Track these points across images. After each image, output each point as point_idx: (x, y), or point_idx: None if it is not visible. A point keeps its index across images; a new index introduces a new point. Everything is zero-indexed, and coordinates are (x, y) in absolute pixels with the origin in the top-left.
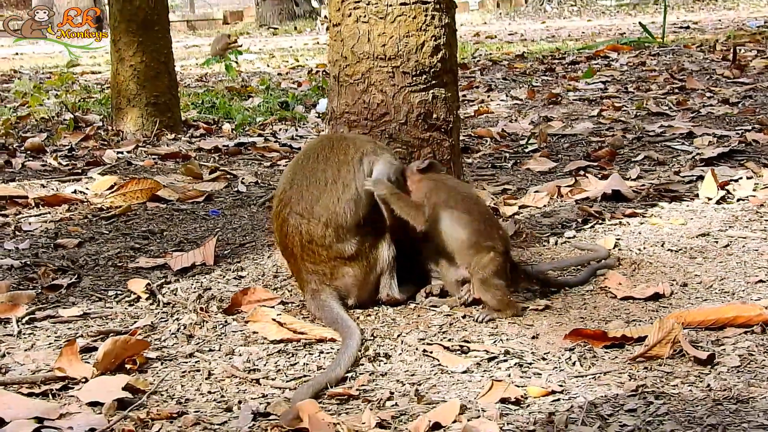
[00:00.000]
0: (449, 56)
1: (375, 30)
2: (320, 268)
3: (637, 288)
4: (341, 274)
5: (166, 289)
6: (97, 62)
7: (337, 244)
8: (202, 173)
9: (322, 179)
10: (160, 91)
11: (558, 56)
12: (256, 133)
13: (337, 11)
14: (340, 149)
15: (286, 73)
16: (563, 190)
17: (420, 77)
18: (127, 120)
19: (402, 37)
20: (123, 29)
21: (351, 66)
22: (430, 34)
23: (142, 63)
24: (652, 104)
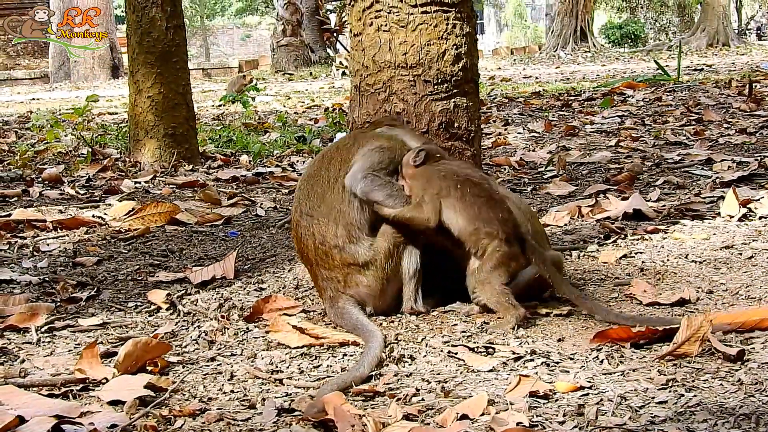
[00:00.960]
0: (470, 65)
1: (396, 38)
2: (334, 275)
3: (663, 295)
4: (354, 283)
5: (186, 300)
6: (113, 104)
7: (350, 246)
8: (220, 199)
9: (325, 177)
10: (177, 122)
11: (573, 94)
12: (274, 164)
13: (358, 21)
14: (344, 147)
15: (303, 112)
16: (584, 210)
17: (441, 86)
18: (145, 151)
19: (423, 45)
20: (141, 61)
21: (372, 75)
22: (452, 43)
23: (160, 94)
24: (669, 134)
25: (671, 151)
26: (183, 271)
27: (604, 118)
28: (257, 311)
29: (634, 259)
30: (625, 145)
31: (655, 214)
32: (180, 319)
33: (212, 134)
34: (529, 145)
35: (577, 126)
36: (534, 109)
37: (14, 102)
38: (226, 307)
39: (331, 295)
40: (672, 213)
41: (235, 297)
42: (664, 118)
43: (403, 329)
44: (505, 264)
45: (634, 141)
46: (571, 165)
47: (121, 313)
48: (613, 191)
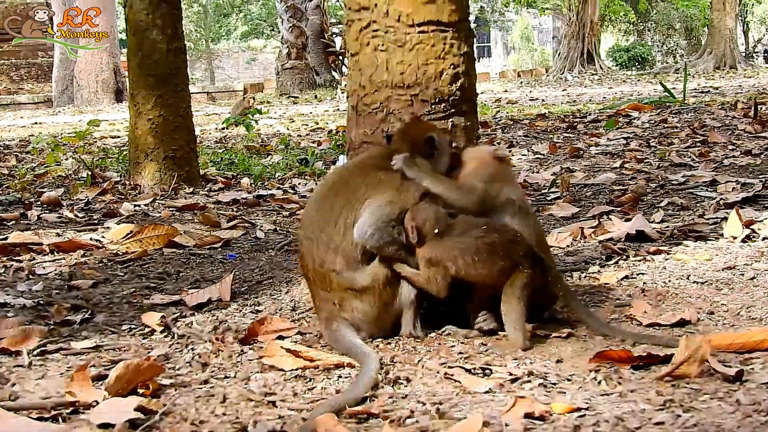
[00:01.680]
0: (468, 85)
1: (393, 58)
2: (330, 297)
3: (664, 316)
4: (350, 308)
5: (181, 323)
6: (116, 128)
7: (348, 272)
8: (219, 221)
9: (329, 209)
10: (178, 144)
11: (579, 116)
12: (275, 187)
13: (355, 41)
14: (353, 183)
15: (306, 134)
16: (587, 232)
17: (439, 105)
18: (145, 174)
19: (421, 65)
20: (142, 83)
21: (369, 95)
22: (449, 62)
23: (161, 117)
24: (674, 156)
25: (676, 173)
26: (179, 293)
27: (609, 140)
28: (252, 333)
29: (636, 280)
30: (630, 167)
31: (658, 236)
32: (174, 341)
33: (214, 157)
34: (534, 167)
35: (582, 148)
36: (539, 131)
37: (16, 126)
38: (221, 329)
39: (326, 317)
40: (675, 234)
41: (230, 319)
42: (670, 139)
43: (399, 351)
44: (530, 285)
45: (638, 162)
46: (575, 186)
47: (114, 335)
48: (617, 212)
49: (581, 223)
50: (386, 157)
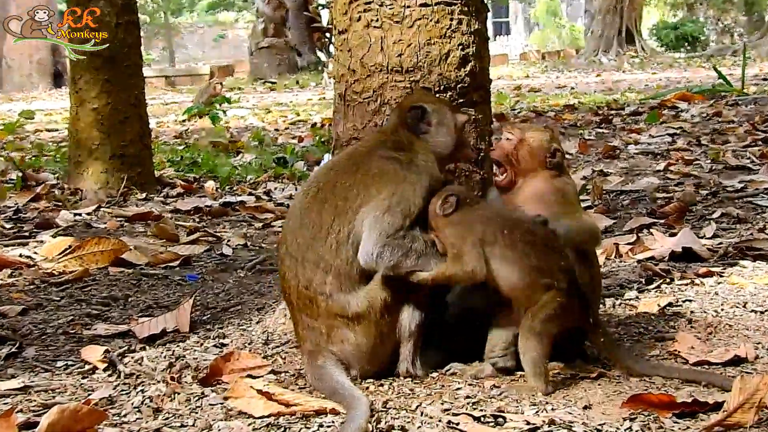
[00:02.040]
0: (479, 69)
1: (389, 37)
2: (317, 325)
3: (714, 352)
4: (339, 338)
5: (129, 359)
6: (53, 119)
7: (340, 294)
8: (178, 234)
9: (317, 222)
10: (128, 140)
11: (615, 107)
12: (246, 192)
13: (343, 15)
14: (342, 188)
15: (285, 128)
16: (623, 249)
17: (444, 94)
18: (88, 176)
19: (422, 45)
20: (84, 65)
21: (360, 81)
22: (457, 42)
23: (108, 106)
24: (730, 157)
25: (732, 177)
26: (127, 322)
27: (651, 136)
28: (216, 372)
29: (681, 308)
30: (676, 170)
31: (710, 254)
32: (120, 381)
33: (172, 155)
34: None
35: (619, 146)
36: (567, 126)
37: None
38: (178, 366)
39: (310, 349)
40: (730, 252)
41: (189, 354)
42: (725, 137)
43: (394, 394)
44: (560, 318)
45: (686, 165)
46: (609, 194)
47: (47, 374)
48: (660, 226)
49: (616, 238)
50: (377, 145)
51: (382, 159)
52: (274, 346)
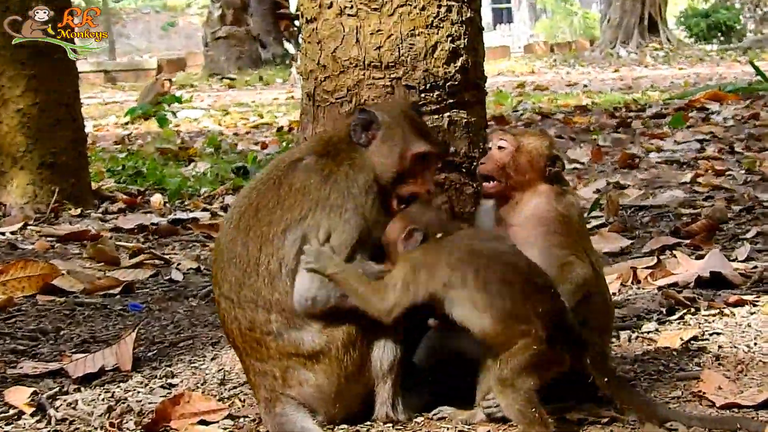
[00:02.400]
0: (472, 64)
1: (366, 27)
2: (269, 368)
3: (746, 393)
4: (297, 381)
5: (61, 402)
6: None
7: (289, 332)
8: (119, 257)
9: (243, 256)
10: (60, 146)
11: (635, 108)
12: (200, 207)
13: (312, 1)
14: (266, 213)
15: (246, 132)
16: (641, 273)
17: (431, 93)
18: (12, 188)
19: (405, 36)
20: (7, 58)
21: (332, 78)
22: (445, 33)
23: (35, 106)
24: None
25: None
26: (59, 360)
27: (676, 143)
28: (163, 417)
29: (708, 342)
30: (705, 182)
31: (742, 280)
32: (51, 428)
33: (112, 164)
34: (569, 180)
35: (638, 154)
36: (578, 130)
37: None
38: (118, 411)
39: (266, 396)
40: (765, 278)
41: (131, 397)
42: (762, 143)
43: None
44: (539, 367)
45: (717, 176)
46: (627, 209)
47: None
48: (684, 247)
49: (634, 261)
50: (307, 152)
51: (307, 171)
52: (231, 387)
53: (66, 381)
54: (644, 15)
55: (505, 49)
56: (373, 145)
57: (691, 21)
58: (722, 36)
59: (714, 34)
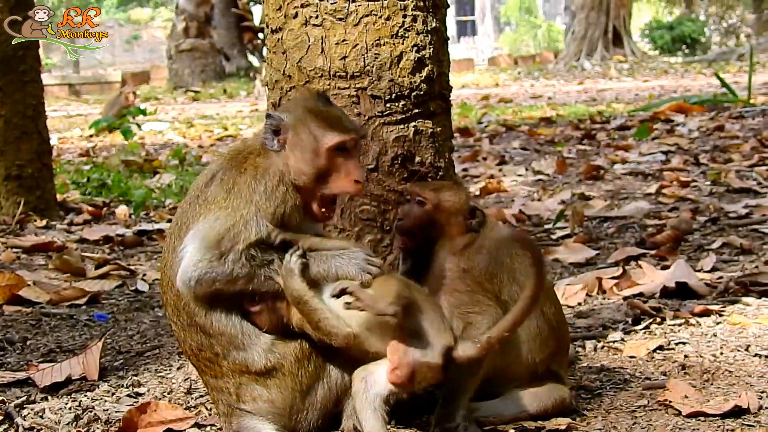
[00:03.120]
0: (438, 75)
1: (331, 36)
2: (223, 385)
3: (712, 402)
4: (250, 397)
5: (28, 410)
6: None
7: (235, 352)
8: (84, 268)
9: (172, 280)
10: (25, 158)
11: (600, 120)
12: (165, 219)
13: (277, 11)
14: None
15: (210, 145)
16: (606, 284)
17: (396, 103)
18: None
19: (370, 46)
20: None
21: (298, 88)
22: (411, 43)
23: (1, 118)
24: (733, 178)
25: (735, 202)
26: (25, 369)
27: (641, 154)
28: (129, 426)
29: (674, 352)
30: (670, 193)
31: (708, 290)
32: None
33: (78, 176)
34: (534, 192)
35: (603, 166)
36: (542, 142)
37: None
38: (85, 419)
39: (224, 411)
40: (731, 288)
41: (98, 406)
42: (727, 154)
43: None
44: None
45: (682, 187)
46: (592, 220)
47: None
48: (650, 257)
49: (599, 271)
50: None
51: (217, 185)
52: (197, 396)
53: (33, 390)
54: (608, 28)
55: (470, 62)
56: (287, 149)
57: (655, 33)
58: (687, 48)
59: (679, 47)
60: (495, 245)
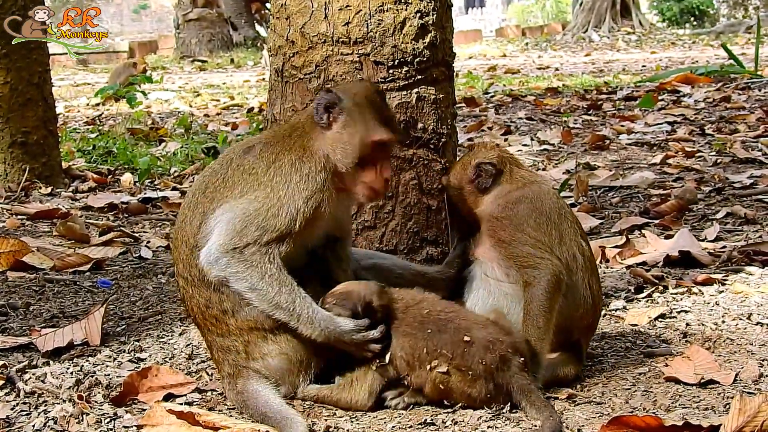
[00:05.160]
0: (441, 41)
1: (335, 2)
2: (230, 344)
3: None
4: (260, 354)
5: (30, 375)
6: None
7: (245, 308)
8: (89, 235)
9: (190, 234)
10: (31, 125)
11: (607, 91)
12: (170, 187)
13: None
14: (211, 191)
15: (217, 114)
16: (609, 253)
17: (399, 69)
18: None
19: (373, 12)
20: None
21: (301, 54)
22: (414, 9)
23: (6, 85)
24: (738, 148)
25: (740, 172)
26: (28, 334)
27: (647, 125)
28: (130, 390)
29: (676, 320)
30: (675, 163)
31: (711, 259)
32: (20, 400)
33: (83, 144)
34: (539, 162)
35: (609, 136)
36: (548, 112)
37: None
38: (87, 384)
39: (230, 372)
40: (734, 257)
41: (100, 371)
42: (733, 125)
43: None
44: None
45: (687, 157)
46: (596, 190)
47: None
48: (654, 227)
49: (603, 240)
50: (269, 136)
51: (258, 155)
52: (199, 362)
53: (35, 355)
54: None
55: (477, 33)
56: (334, 128)
57: (663, 5)
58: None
59: (687, 19)
60: (538, 197)
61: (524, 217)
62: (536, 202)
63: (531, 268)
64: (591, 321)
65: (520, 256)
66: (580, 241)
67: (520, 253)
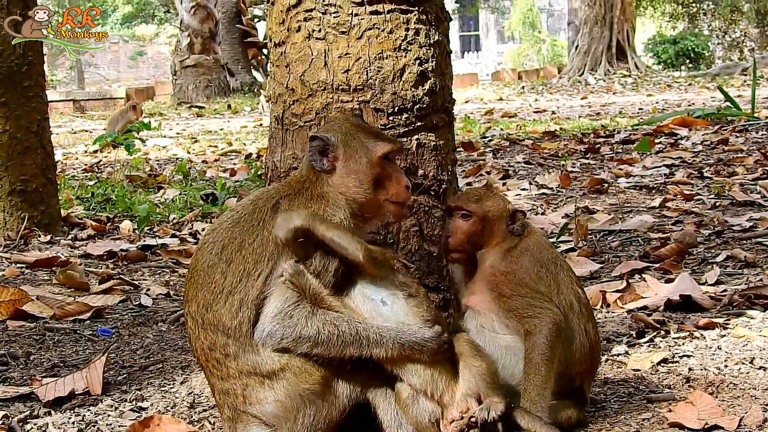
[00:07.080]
0: (440, 87)
1: (334, 50)
2: (230, 387)
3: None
4: (257, 399)
5: (31, 425)
6: None
7: (247, 355)
8: (88, 283)
9: (219, 283)
10: (30, 173)
11: (604, 134)
12: (169, 234)
13: (280, 25)
14: (250, 253)
15: (215, 160)
16: (610, 297)
17: (399, 116)
18: None
19: (373, 59)
20: None
21: (301, 101)
22: (413, 56)
23: (5, 133)
24: (737, 191)
25: (739, 215)
26: (29, 384)
27: (645, 168)
28: None
29: (678, 365)
30: (674, 206)
31: (712, 303)
32: None
33: (82, 191)
34: (538, 206)
35: (607, 179)
36: (546, 156)
37: None
38: None
39: (229, 415)
40: (735, 301)
41: (102, 420)
42: (731, 168)
43: None
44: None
45: (686, 200)
46: (596, 234)
47: None
48: (654, 271)
49: (603, 284)
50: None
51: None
52: (201, 410)
53: (36, 405)
54: (612, 42)
55: (474, 77)
56: (338, 167)
57: (659, 48)
58: (690, 63)
59: (682, 61)
60: (538, 248)
61: (527, 270)
62: (537, 254)
63: (532, 318)
64: (589, 365)
65: (520, 308)
66: (576, 289)
67: (521, 305)
